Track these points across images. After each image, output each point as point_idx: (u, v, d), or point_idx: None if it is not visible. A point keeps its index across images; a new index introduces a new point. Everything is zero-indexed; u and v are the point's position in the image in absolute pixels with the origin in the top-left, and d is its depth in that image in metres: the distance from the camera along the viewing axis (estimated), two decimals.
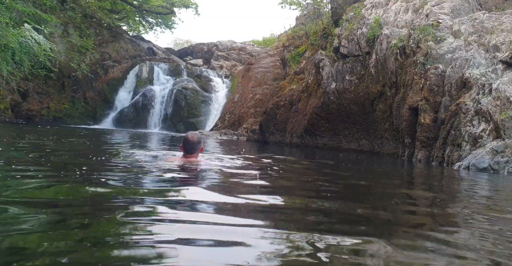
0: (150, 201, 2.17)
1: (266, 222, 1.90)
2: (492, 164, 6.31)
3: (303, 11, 25.26)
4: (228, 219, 1.91)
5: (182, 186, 2.87)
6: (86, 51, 22.59)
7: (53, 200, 2.15)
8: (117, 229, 1.60)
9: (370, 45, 11.54)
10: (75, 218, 1.78)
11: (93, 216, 1.86)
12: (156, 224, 1.68)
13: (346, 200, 2.83)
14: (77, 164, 3.86)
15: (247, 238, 1.56)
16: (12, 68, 14.45)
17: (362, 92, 11.53)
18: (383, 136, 10.91)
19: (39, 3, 18.49)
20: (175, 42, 53.09)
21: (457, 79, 8.43)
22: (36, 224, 1.62)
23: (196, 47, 33.33)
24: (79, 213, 1.89)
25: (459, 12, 10.80)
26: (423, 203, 2.95)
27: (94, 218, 1.81)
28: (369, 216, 2.22)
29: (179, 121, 22.14)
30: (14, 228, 1.54)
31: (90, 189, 2.46)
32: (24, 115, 19.99)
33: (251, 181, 3.34)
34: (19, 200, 2.04)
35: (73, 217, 1.80)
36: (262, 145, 13.53)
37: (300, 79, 15.67)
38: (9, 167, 3.26)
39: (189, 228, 1.67)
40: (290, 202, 2.56)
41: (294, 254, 1.43)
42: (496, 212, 2.66)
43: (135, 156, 4.65)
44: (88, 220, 1.75)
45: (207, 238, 1.52)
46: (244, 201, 2.37)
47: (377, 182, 4.40)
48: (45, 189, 2.44)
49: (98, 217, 1.83)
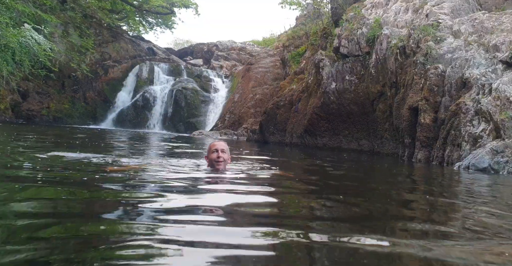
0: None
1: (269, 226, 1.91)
2: (492, 164, 6.32)
3: (303, 11, 25.26)
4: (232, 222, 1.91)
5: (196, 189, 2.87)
6: (86, 51, 22.57)
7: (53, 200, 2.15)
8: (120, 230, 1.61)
9: (370, 45, 11.54)
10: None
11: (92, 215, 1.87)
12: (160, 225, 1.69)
13: (348, 197, 2.84)
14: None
15: (249, 241, 1.57)
16: (12, 68, 14.45)
17: (362, 92, 11.53)
18: (383, 136, 10.92)
19: (39, 3, 18.49)
20: (175, 42, 53.05)
21: (457, 79, 8.44)
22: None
23: (196, 47, 33.32)
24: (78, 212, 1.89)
25: (459, 12, 10.81)
26: (423, 203, 2.96)
27: (93, 217, 1.82)
28: (368, 216, 2.23)
29: (179, 122, 22.14)
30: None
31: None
32: (24, 115, 19.99)
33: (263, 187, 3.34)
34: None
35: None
36: (262, 145, 13.54)
37: (300, 79, 15.68)
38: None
39: (193, 229, 1.68)
40: (293, 204, 2.57)
41: (296, 253, 1.44)
42: (496, 211, 2.67)
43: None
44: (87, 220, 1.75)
45: (211, 241, 1.53)
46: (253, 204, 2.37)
47: (377, 182, 4.40)
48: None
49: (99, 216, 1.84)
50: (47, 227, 1.61)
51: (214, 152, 3.60)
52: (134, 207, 2.05)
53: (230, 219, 1.94)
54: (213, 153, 3.60)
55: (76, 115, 21.97)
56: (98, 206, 2.13)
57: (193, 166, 4.08)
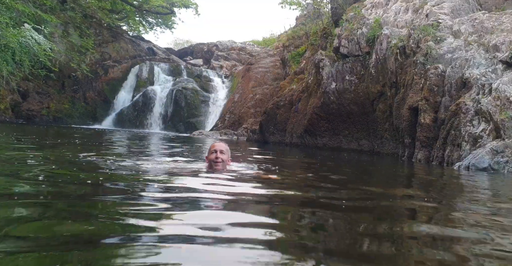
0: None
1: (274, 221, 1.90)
2: (492, 164, 6.31)
3: (303, 11, 25.26)
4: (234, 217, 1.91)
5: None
6: (86, 51, 22.57)
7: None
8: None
9: (370, 45, 11.54)
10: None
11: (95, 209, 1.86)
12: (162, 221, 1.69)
13: (350, 197, 2.84)
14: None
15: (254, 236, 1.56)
16: (12, 68, 14.44)
17: (362, 92, 11.53)
18: (383, 136, 10.92)
19: (39, 3, 18.48)
20: (175, 42, 53.05)
21: (457, 79, 8.43)
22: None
23: (196, 47, 33.32)
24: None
25: (459, 12, 10.80)
26: (422, 202, 2.95)
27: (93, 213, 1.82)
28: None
29: (179, 122, 22.14)
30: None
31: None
32: (24, 115, 19.98)
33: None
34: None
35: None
36: (262, 145, 13.53)
37: (300, 79, 15.67)
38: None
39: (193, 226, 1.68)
40: (295, 203, 2.56)
41: (297, 252, 1.43)
42: (497, 211, 2.67)
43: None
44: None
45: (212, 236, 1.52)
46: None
47: (377, 183, 4.40)
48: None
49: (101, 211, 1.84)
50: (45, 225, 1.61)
51: (213, 153, 3.67)
52: (133, 207, 2.04)
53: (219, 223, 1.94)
54: (212, 154, 3.66)
55: (76, 115, 21.96)
56: (99, 206, 2.13)
57: (192, 166, 4.08)
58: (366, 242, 1.63)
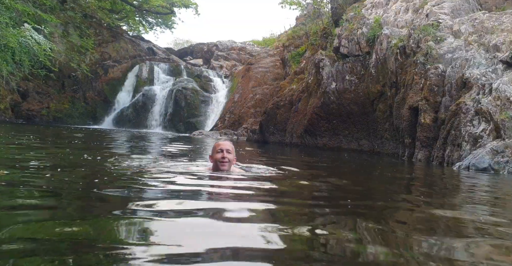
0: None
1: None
2: (492, 164, 6.31)
3: (303, 11, 25.25)
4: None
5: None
6: (86, 51, 22.56)
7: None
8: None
9: (370, 45, 11.54)
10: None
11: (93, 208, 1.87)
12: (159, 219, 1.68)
13: (352, 196, 2.84)
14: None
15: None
16: (12, 68, 14.44)
17: (362, 92, 11.53)
18: (383, 136, 10.92)
19: (39, 3, 18.47)
20: (175, 42, 53.05)
21: (457, 79, 8.43)
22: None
23: (196, 47, 33.31)
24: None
25: (459, 12, 10.80)
26: (422, 202, 2.96)
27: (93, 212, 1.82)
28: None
29: (179, 122, 22.13)
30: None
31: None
32: (24, 115, 19.97)
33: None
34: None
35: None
36: (262, 145, 13.53)
37: (300, 79, 15.67)
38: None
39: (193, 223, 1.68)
40: (295, 201, 2.56)
41: (297, 246, 1.43)
42: (498, 211, 2.67)
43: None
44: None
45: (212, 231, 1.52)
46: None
47: (378, 183, 4.40)
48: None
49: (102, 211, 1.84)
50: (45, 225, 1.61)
51: (219, 152, 3.46)
52: (133, 207, 2.04)
53: (230, 223, 1.94)
54: (218, 153, 3.46)
55: (76, 115, 21.95)
56: (99, 206, 2.13)
57: (196, 166, 4.02)
58: (367, 247, 1.64)
